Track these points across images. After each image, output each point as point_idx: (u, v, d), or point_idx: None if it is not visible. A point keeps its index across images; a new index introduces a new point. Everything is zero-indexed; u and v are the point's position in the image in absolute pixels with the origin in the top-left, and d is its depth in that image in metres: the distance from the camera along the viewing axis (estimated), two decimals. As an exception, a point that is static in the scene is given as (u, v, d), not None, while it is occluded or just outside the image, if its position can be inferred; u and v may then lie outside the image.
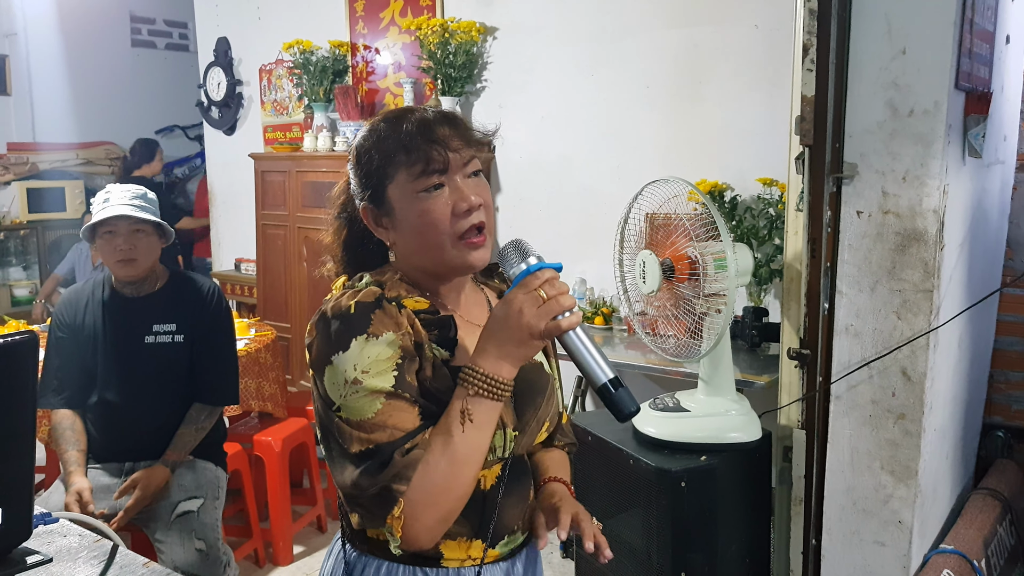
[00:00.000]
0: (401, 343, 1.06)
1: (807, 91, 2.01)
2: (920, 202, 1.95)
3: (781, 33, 2.97)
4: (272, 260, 4.52)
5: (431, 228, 1.09)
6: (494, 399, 1.05)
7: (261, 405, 3.20)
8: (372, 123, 1.17)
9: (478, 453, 1.06)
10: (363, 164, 1.14)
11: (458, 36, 3.82)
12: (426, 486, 1.03)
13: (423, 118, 1.12)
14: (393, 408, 1.04)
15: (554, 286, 1.03)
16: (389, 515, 1.03)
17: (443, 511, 1.05)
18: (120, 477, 2.40)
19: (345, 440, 1.05)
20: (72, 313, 2.44)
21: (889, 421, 2.06)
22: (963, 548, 2.19)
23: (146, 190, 2.44)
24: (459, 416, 1.04)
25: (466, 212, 1.09)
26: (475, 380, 1.04)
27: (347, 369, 1.04)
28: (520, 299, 1.03)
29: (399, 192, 1.11)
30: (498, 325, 1.04)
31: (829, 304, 2.10)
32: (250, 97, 5.20)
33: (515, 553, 1.23)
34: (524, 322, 1.02)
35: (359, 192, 1.16)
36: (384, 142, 1.12)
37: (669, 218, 2.17)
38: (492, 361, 1.04)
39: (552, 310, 1.02)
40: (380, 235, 1.16)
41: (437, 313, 1.14)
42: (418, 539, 1.05)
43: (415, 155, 1.09)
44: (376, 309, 1.07)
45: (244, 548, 3.03)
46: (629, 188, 2.28)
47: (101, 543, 1.40)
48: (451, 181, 1.10)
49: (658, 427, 2.26)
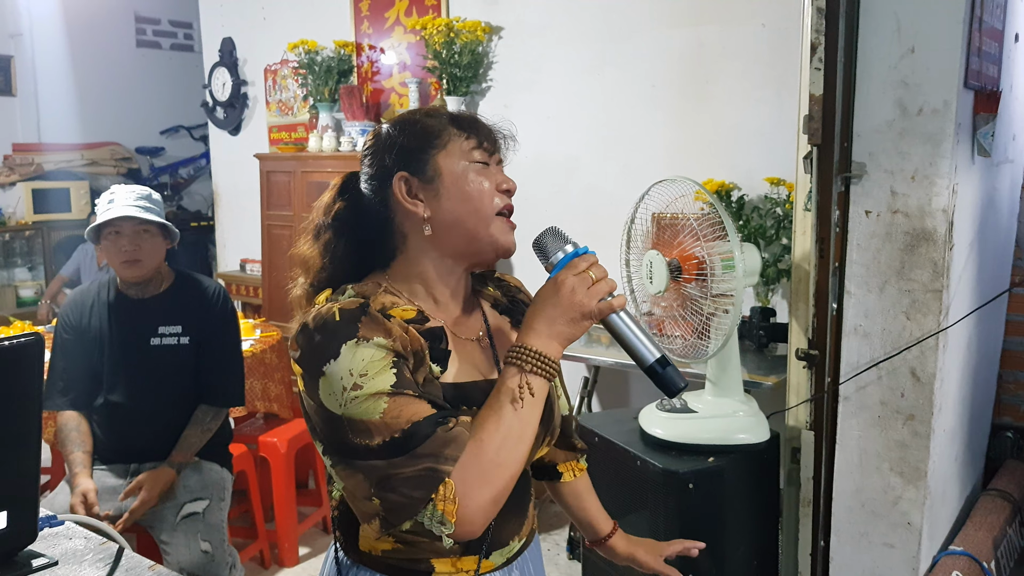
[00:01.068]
0: (392, 347, 1.03)
1: (815, 90, 2.00)
2: (929, 201, 1.94)
3: (788, 32, 2.96)
4: (277, 261, 4.52)
5: (480, 196, 1.13)
6: (547, 377, 1.05)
7: (267, 406, 3.19)
8: (405, 115, 1.20)
9: (532, 430, 1.04)
10: (406, 133, 1.15)
11: (463, 36, 3.81)
12: (481, 463, 0.99)
13: (478, 116, 1.19)
14: (399, 404, 1.00)
15: (600, 269, 1.07)
16: (438, 498, 0.97)
17: (497, 489, 1.01)
18: (126, 478, 2.40)
19: (361, 435, 1.00)
20: (78, 314, 2.44)
21: (898, 422, 2.05)
22: (972, 550, 2.18)
23: (151, 191, 2.43)
24: (514, 392, 1.02)
25: (506, 191, 1.16)
26: (529, 357, 1.04)
27: (343, 376, 1.00)
28: (571, 280, 1.05)
29: (451, 160, 1.13)
30: (548, 304, 1.05)
31: (837, 304, 2.08)
32: (255, 97, 5.20)
33: (510, 561, 1.21)
34: (577, 300, 1.04)
35: (394, 165, 1.14)
36: (430, 119, 1.16)
37: (676, 218, 2.16)
38: (543, 340, 1.05)
39: (601, 291, 1.05)
40: (410, 207, 1.13)
41: (426, 321, 1.12)
42: (474, 520, 0.99)
43: (470, 131, 1.15)
44: (362, 316, 1.05)
45: (250, 549, 3.03)
46: (635, 188, 2.27)
47: (107, 546, 1.40)
48: (492, 165, 1.17)
49: (665, 428, 2.24)
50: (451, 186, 1.12)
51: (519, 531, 1.22)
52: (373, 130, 1.21)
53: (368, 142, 1.20)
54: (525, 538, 1.24)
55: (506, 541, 1.19)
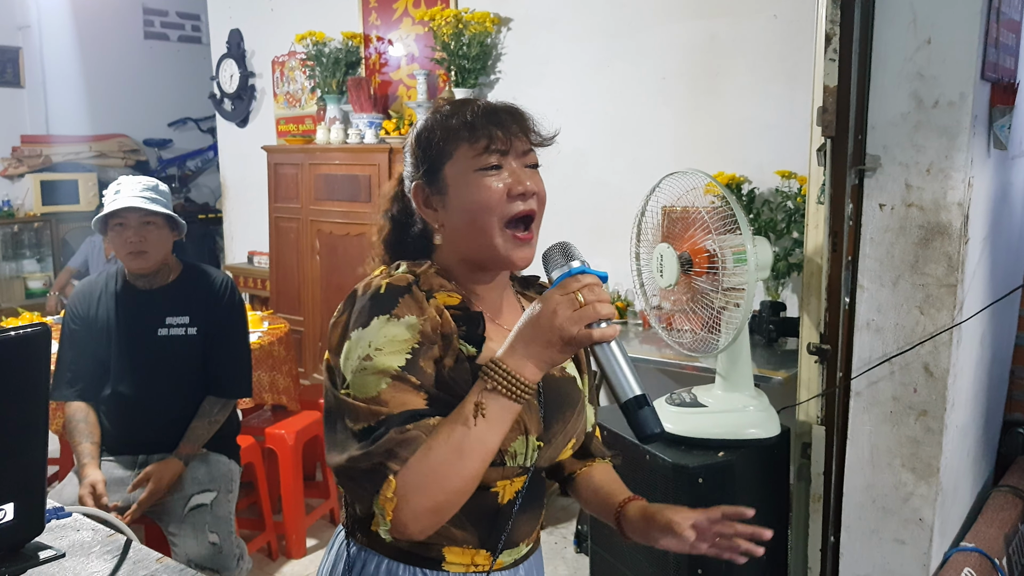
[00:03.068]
0: (421, 328, 1.05)
1: (830, 81, 1.97)
2: (944, 195, 1.91)
3: (800, 24, 2.94)
4: (285, 253, 4.52)
5: (483, 208, 1.09)
6: (512, 398, 1.01)
7: (274, 398, 3.19)
8: (436, 106, 1.18)
9: (483, 450, 1.01)
10: (423, 142, 1.14)
11: (472, 27, 3.79)
12: (422, 470, 0.98)
13: (489, 104, 1.14)
14: (397, 390, 1.02)
15: (594, 292, 1.00)
16: (381, 495, 0.99)
17: (435, 500, 0.99)
18: (134, 470, 2.40)
19: (350, 417, 1.03)
20: (86, 305, 2.43)
21: (910, 418, 2.03)
22: (984, 546, 2.16)
23: (158, 182, 2.42)
24: (472, 409, 1.00)
25: (520, 195, 1.10)
26: (495, 375, 1.00)
27: (362, 345, 1.03)
28: (556, 300, 0.99)
29: (456, 169, 1.11)
30: (529, 324, 1.01)
31: (850, 299, 2.06)
32: (263, 89, 5.19)
33: (518, 563, 1.21)
34: (556, 323, 0.98)
35: (413, 173, 1.16)
36: (448, 120, 1.13)
37: (687, 211, 2.14)
38: (517, 359, 1.01)
39: (587, 316, 0.98)
40: (427, 216, 1.15)
41: (467, 309, 1.12)
42: (407, 525, 0.99)
43: (478, 133, 1.10)
44: (405, 293, 1.07)
45: (257, 541, 3.03)
46: (645, 182, 2.25)
47: (114, 538, 1.39)
48: (508, 165, 1.11)
49: (675, 423, 2.23)
50: (455, 197, 1.11)
51: (530, 535, 1.22)
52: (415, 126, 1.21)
53: (404, 145, 1.21)
54: (533, 543, 1.24)
55: (517, 543, 1.19)
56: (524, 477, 1.15)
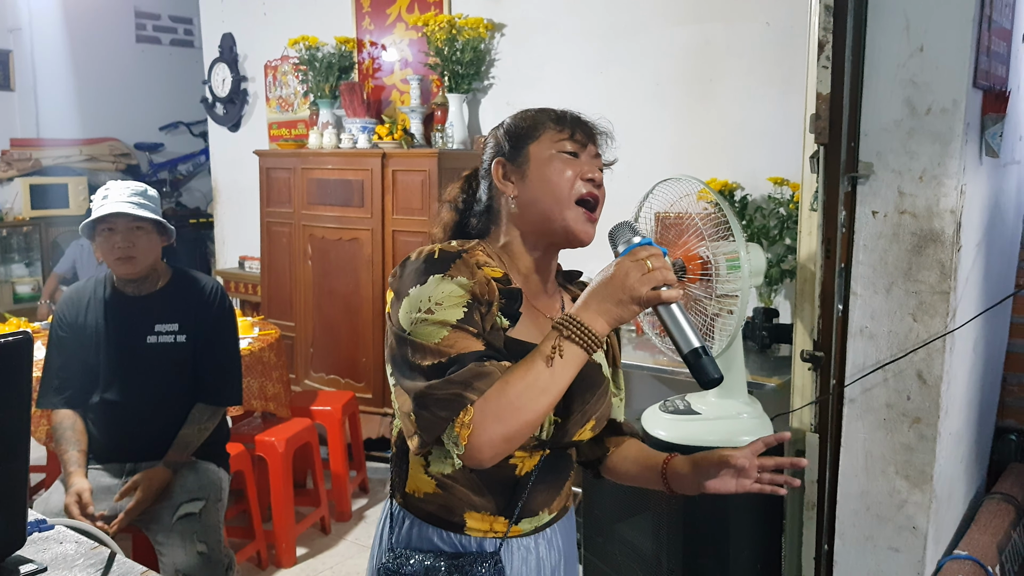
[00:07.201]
0: (472, 289, 1.16)
1: (822, 88, 1.97)
2: (937, 202, 1.91)
3: (793, 30, 2.93)
4: (277, 258, 4.49)
5: (558, 182, 1.24)
6: (584, 347, 1.11)
7: (264, 405, 3.16)
8: (518, 112, 1.34)
9: (556, 389, 1.10)
10: (514, 125, 1.31)
11: (465, 32, 3.78)
12: (501, 401, 1.08)
13: (579, 114, 1.33)
14: (459, 336, 1.13)
15: (660, 260, 1.12)
16: (458, 421, 1.08)
17: (510, 429, 1.09)
18: (121, 478, 2.37)
19: (418, 355, 1.13)
20: (74, 312, 2.41)
21: (904, 425, 2.02)
22: (977, 554, 2.15)
23: (147, 187, 2.40)
24: (548, 351, 1.10)
25: (590, 180, 1.26)
26: (570, 326, 1.11)
27: (422, 300, 1.15)
28: (628, 264, 1.11)
29: (540, 148, 1.27)
30: (603, 284, 1.12)
31: (843, 305, 2.06)
32: (255, 93, 5.17)
33: (538, 531, 1.31)
34: (628, 284, 1.10)
35: (494, 153, 1.31)
36: (542, 114, 1.31)
37: (680, 217, 2.13)
38: (590, 314, 1.11)
39: (656, 279, 1.10)
40: (504, 188, 1.28)
41: (509, 283, 1.23)
42: (481, 450, 1.08)
43: (565, 125, 1.28)
44: (457, 259, 1.19)
45: (247, 550, 3.00)
46: (638, 187, 2.24)
47: (98, 550, 1.37)
48: (583, 156, 1.27)
49: (668, 430, 2.22)
50: (536, 170, 1.26)
51: (550, 504, 1.32)
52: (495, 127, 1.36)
53: (488, 134, 1.36)
54: (556, 513, 1.34)
55: (536, 511, 1.29)
56: (541, 452, 1.26)
